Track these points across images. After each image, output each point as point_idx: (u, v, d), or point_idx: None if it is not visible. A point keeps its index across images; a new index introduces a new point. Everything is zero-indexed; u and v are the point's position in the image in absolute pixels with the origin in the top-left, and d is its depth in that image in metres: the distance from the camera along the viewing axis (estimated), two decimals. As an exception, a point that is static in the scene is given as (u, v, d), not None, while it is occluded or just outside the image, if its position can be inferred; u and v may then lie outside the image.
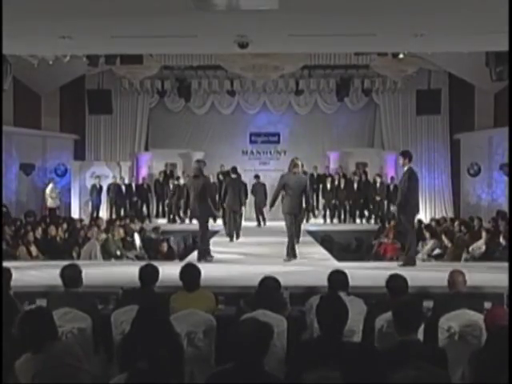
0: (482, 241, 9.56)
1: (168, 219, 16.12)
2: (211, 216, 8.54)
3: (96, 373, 3.80)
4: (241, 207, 11.69)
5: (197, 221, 8.45)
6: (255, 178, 15.01)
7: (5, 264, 5.24)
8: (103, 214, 15.76)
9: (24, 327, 3.29)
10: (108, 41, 7.53)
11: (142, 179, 17.02)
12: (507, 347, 3.05)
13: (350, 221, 16.26)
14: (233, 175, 11.61)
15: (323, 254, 9.43)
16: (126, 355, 3.43)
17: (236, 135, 18.35)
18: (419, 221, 12.99)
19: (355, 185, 16.19)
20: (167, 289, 5.15)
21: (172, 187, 15.97)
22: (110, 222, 12.24)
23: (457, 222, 12.23)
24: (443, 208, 17.74)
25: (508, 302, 4.28)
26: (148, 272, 4.90)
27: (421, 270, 7.14)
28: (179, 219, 15.86)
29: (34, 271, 7.04)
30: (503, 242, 9.26)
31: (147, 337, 3.36)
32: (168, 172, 16.81)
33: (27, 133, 16.19)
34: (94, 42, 7.84)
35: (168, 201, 16.11)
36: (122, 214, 15.35)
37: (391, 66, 13.78)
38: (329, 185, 16.23)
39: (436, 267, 7.95)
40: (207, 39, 7.49)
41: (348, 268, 5.33)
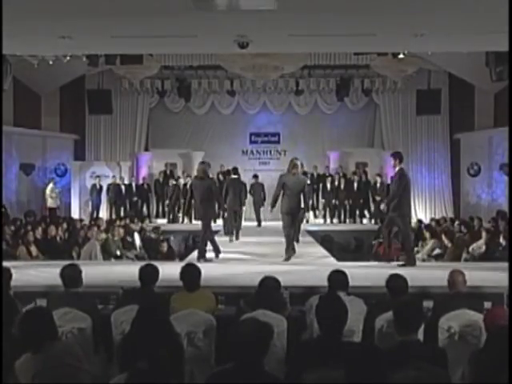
0: (482, 241, 9.56)
1: (168, 219, 16.13)
2: (215, 217, 8.54)
3: (96, 373, 3.80)
4: (241, 207, 11.76)
5: (201, 221, 8.45)
6: (254, 178, 15.01)
7: (5, 264, 5.24)
8: (103, 214, 15.77)
9: (24, 327, 3.30)
10: (108, 41, 7.53)
11: (143, 179, 17.02)
12: (507, 347, 3.05)
13: (350, 221, 16.27)
14: (233, 175, 11.66)
15: (323, 254, 9.43)
16: (126, 355, 3.42)
17: (236, 135, 18.35)
18: (419, 221, 13.01)
19: (355, 185, 16.20)
20: (167, 289, 5.15)
21: (171, 187, 15.98)
22: (110, 222, 12.24)
23: (457, 222, 12.24)
24: (443, 208, 17.74)
25: (508, 302, 4.28)
26: (148, 272, 4.90)
27: (421, 270, 7.14)
28: (181, 218, 15.90)
29: (34, 271, 7.03)
30: (503, 242, 9.26)
31: (147, 337, 3.36)
32: (168, 172, 16.81)
33: (27, 133, 16.19)
34: (94, 42, 7.84)
35: (168, 201, 16.12)
36: (122, 214, 15.36)
37: (391, 66, 13.77)
38: (329, 185, 16.25)
39: (436, 267, 7.95)
40: (207, 39, 7.50)
41: (348, 268, 5.33)
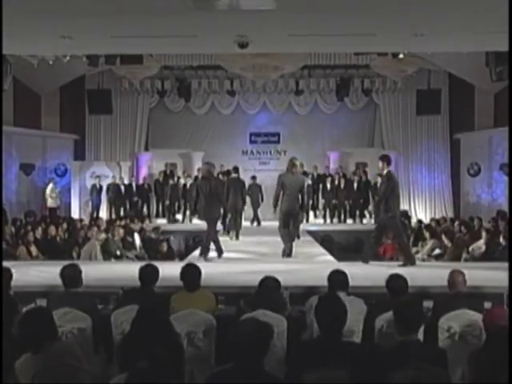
0: (482, 241, 9.56)
1: (168, 219, 16.13)
2: (220, 217, 8.58)
3: (96, 373, 3.80)
4: (242, 206, 11.87)
5: (206, 221, 8.45)
6: (251, 179, 15.02)
7: (5, 264, 5.24)
8: (103, 214, 15.77)
9: (24, 327, 3.30)
10: (108, 41, 7.53)
11: (143, 179, 17.01)
12: (506, 347, 3.05)
13: (350, 221, 16.25)
14: (234, 174, 11.70)
15: (323, 254, 9.43)
16: (126, 355, 3.43)
17: (236, 135, 18.34)
18: (419, 221, 13.01)
19: (355, 185, 16.18)
20: (167, 289, 5.15)
21: (169, 187, 15.99)
22: (110, 222, 12.25)
23: (457, 222, 12.24)
24: (443, 208, 17.73)
25: (508, 302, 4.28)
26: (148, 272, 4.91)
27: (421, 270, 7.14)
28: (181, 218, 15.93)
29: (34, 271, 7.01)
30: (503, 242, 9.25)
31: (147, 337, 3.37)
32: (168, 172, 16.81)
33: (27, 133, 16.18)
34: (94, 42, 7.83)
35: (168, 201, 16.14)
36: (122, 214, 15.36)
37: (391, 66, 13.77)
38: (329, 185, 16.22)
39: (436, 267, 7.94)
40: (207, 39, 7.49)
41: (348, 268, 5.33)
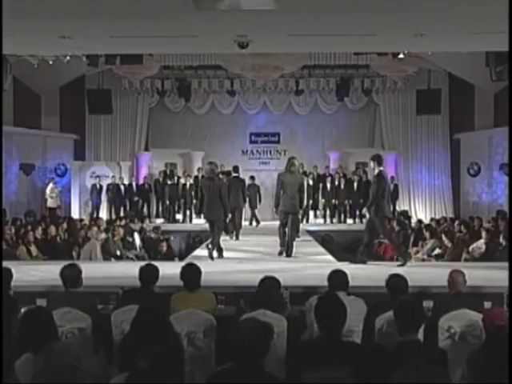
0: (482, 241, 9.55)
1: (168, 219, 16.13)
2: (225, 216, 8.60)
3: (96, 373, 3.80)
4: (243, 205, 11.94)
5: (213, 220, 8.44)
6: (250, 179, 15.02)
7: (5, 264, 5.24)
8: (103, 214, 15.77)
9: (24, 327, 3.30)
10: (108, 41, 7.53)
11: (144, 179, 17.01)
12: (506, 347, 3.05)
13: (351, 221, 16.25)
14: (234, 174, 11.74)
15: (323, 254, 9.42)
16: (126, 355, 3.42)
17: (236, 135, 18.34)
18: (419, 221, 13.00)
19: (355, 185, 16.18)
20: (167, 289, 5.16)
21: (167, 187, 15.99)
22: (110, 222, 12.24)
23: (457, 222, 12.22)
24: (443, 208, 17.73)
25: (508, 302, 4.28)
26: (148, 272, 4.90)
27: (421, 270, 7.15)
28: (181, 218, 15.94)
29: (34, 271, 7.02)
30: (503, 242, 9.24)
31: (147, 337, 3.36)
32: (168, 172, 16.80)
33: (27, 133, 16.18)
34: (94, 42, 7.84)
35: (168, 201, 16.14)
36: (122, 214, 15.35)
37: (391, 66, 13.77)
38: (329, 185, 16.23)
39: (436, 267, 7.95)
40: (207, 39, 7.50)
41: (348, 268, 5.33)
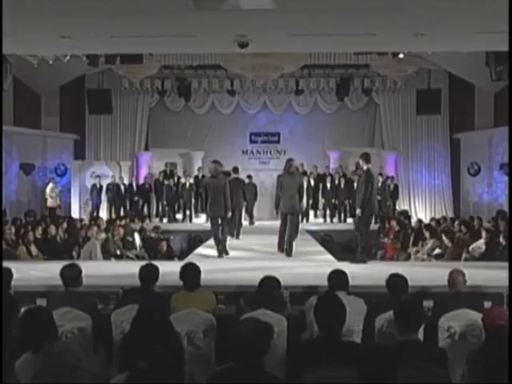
0: (482, 240, 9.55)
1: (168, 218, 16.15)
2: (227, 213, 8.67)
3: (96, 373, 3.80)
4: (243, 205, 12.02)
5: (218, 217, 8.52)
6: (248, 178, 15.02)
7: (5, 264, 5.24)
8: (103, 214, 15.77)
9: (24, 327, 3.30)
10: (108, 41, 7.53)
11: (144, 179, 17.01)
12: (505, 347, 3.05)
13: (351, 220, 16.23)
14: (234, 174, 11.80)
15: (323, 254, 9.43)
16: (126, 355, 3.43)
17: (236, 135, 18.33)
18: (419, 220, 13.00)
19: (355, 184, 16.14)
20: (167, 288, 5.16)
21: (165, 187, 16.00)
22: (110, 222, 12.25)
23: (457, 222, 12.22)
24: (443, 208, 17.73)
25: (508, 302, 4.28)
26: (148, 271, 4.91)
27: (421, 270, 7.15)
28: (181, 218, 15.96)
29: (34, 271, 7.03)
30: (503, 242, 9.24)
31: (147, 336, 3.37)
32: (168, 172, 16.80)
33: (27, 132, 16.18)
34: (94, 42, 7.83)
35: (165, 201, 16.16)
36: (122, 214, 15.36)
37: (391, 66, 13.76)
38: (329, 184, 16.23)
39: (436, 267, 7.96)
40: (207, 39, 7.49)
41: (348, 268, 5.34)
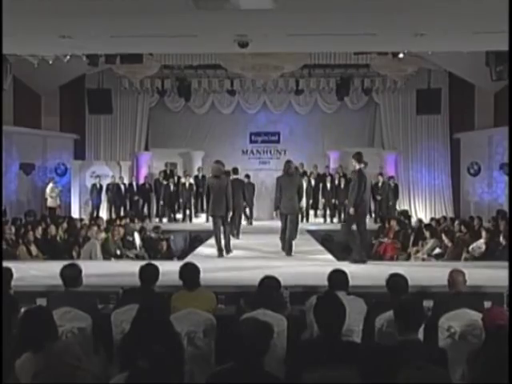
0: (482, 240, 9.55)
1: (169, 218, 16.16)
2: (228, 212, 8.74)
3: (96, 372, 3.80)
4: (242, 205, 12.03)
5: (220, 216, 8.54)
6: (246, 178, 15.03)
7: (5, 264, 5.24)
8: (103, 214, 15.77)
9: (24, 327, 3.30)
10: (108, 41, 7.52)
11: (145, 178, 17.01)
12: (505, 347, 3.05)
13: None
14: (234, 175, 11.80)
15: (323, 254, 9.43)
16: (126, 355, 3.43)
17: (236, 135, 18.32)
18: (419, 220, 13.00)
19: (355, 184, 16.15)
20: (167, 288, 5.16)
21: (163, 187, 16.01)
22: (110, 222, 12.25)
23: (457, 222, 12.22)
24: (443, 207, 17.73)
25: (508, 302, 4.28)
26: (148, 271, 4.91)
27: (421, 270, 7.15)
28: (182, 217, 15.98)
29: (34, 271, 7.03)
30: (503, 242, 9.25)
31: (147, 336, 3.36)
32: (168, 171, 16.81)
33: (27, 132, 16.17)
34: (94, 42, 7.83)
35: (162, 201, 16.17)
36: (122, 214, 15.36)
37: (391, 66, 13.74)
38: (329, 184, 16.23)
39: (436, 267, 7.96)
40: (207, 39, 7.49)
41: (348, 267, 5.34)
